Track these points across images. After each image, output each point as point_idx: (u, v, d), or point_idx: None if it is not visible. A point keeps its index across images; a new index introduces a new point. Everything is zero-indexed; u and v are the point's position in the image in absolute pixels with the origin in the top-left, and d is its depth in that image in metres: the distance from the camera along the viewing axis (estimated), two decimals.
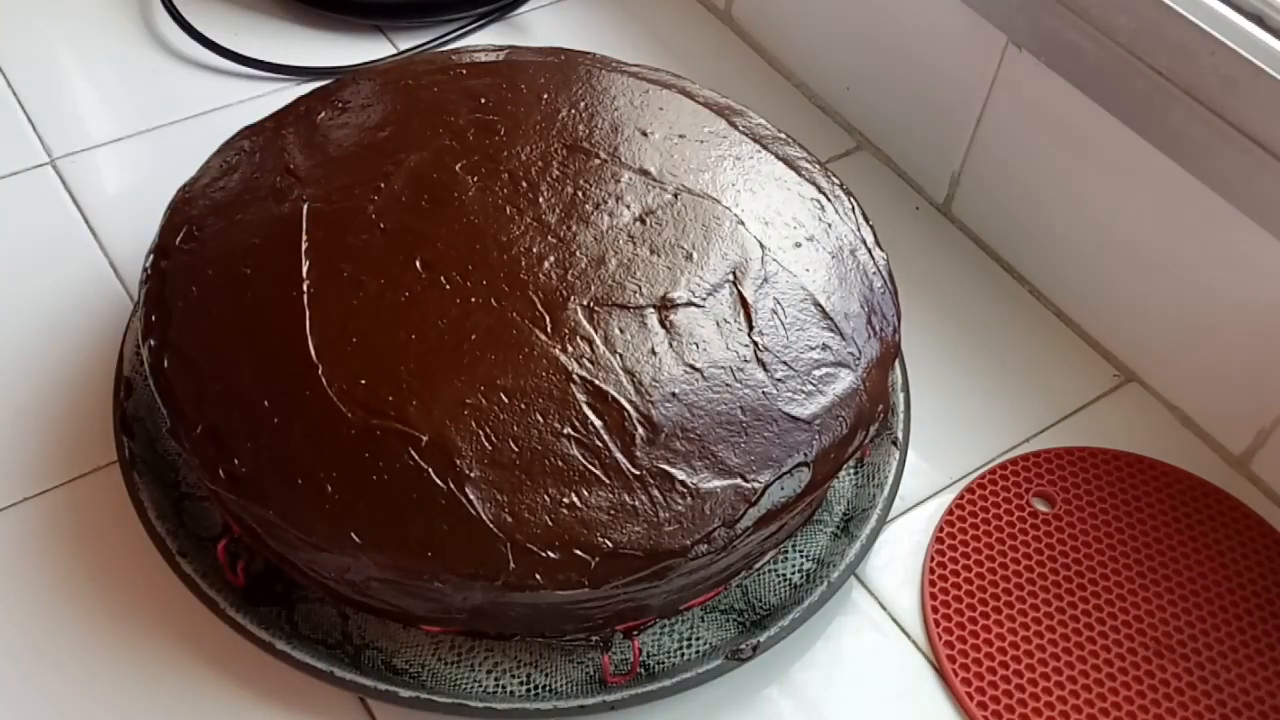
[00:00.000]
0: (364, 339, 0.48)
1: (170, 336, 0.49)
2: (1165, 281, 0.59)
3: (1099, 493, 0.57)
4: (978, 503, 0.56)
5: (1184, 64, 0.52)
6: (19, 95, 0.71)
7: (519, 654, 0.49)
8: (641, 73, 0.61)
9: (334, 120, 0.57)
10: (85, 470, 0.54)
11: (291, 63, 0.73)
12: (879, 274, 0.54)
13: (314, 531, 0.44)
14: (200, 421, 0.47)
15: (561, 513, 0.44)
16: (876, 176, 0.72)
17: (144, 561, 0.50)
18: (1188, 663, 0.51)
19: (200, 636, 0.49)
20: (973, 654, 0.51)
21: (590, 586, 0.43)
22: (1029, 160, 0.64)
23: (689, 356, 0.49)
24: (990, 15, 0.61)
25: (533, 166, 0.55)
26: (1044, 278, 0.66)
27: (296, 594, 0.49)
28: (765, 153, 0.58)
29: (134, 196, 0.66)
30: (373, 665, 0.47)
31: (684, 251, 0.52)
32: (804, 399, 0.49)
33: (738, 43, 0.80)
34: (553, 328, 0.49)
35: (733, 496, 0.46)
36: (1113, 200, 0.60)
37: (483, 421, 0.46)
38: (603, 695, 0.47)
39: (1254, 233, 0.53)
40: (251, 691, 0.48)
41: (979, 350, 0.63)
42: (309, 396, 0.46)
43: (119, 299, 0.61)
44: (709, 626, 0.50)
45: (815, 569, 0.52)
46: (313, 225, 0.52)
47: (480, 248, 0.51)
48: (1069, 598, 0.53)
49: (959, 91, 0.66)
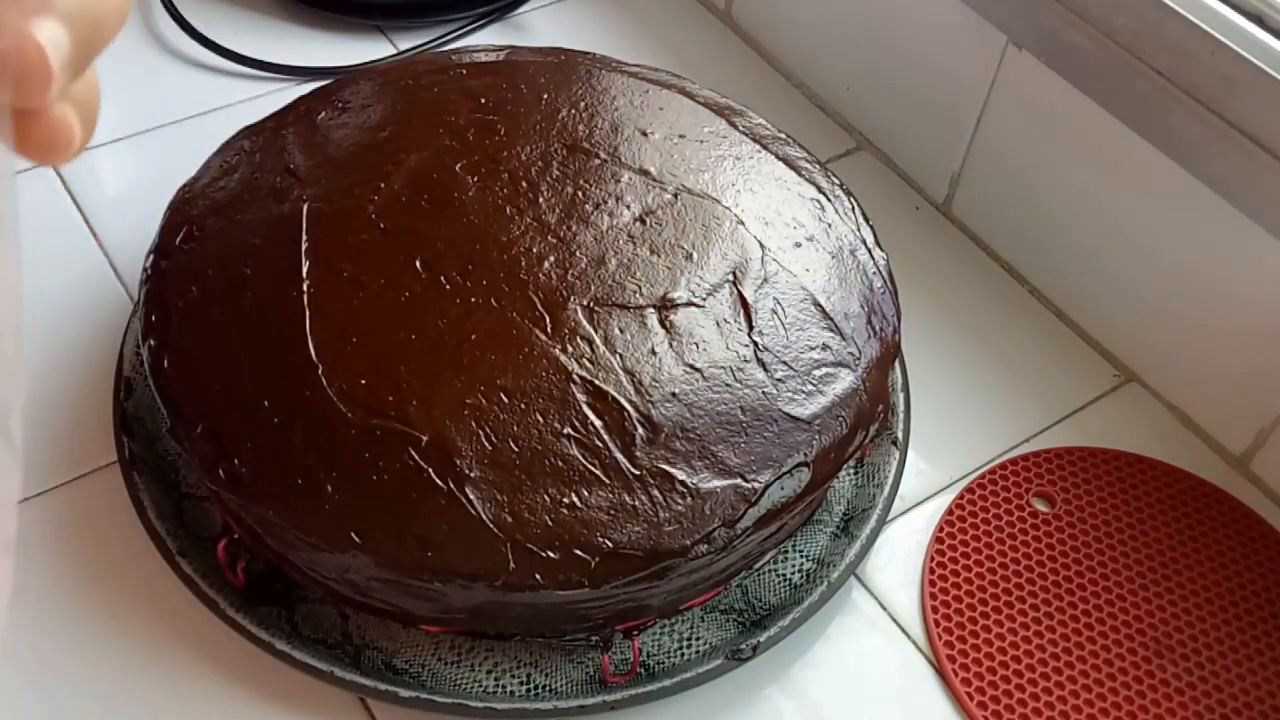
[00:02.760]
0: (364, 339, 0.48)
1: (170, 336, 0.49)
2: (1165, 281, 0.59)
3: (1099, 493, 0.57)
4: (978, 503, 0.56)
5: (1184, 64, 0.52)
6: None
7: (519, 654, 0.49)
8: (641, 73, 0.61)
9: (334, 120, 0.57)
10: (85, 470, 0.54)
11: (291, 63, 0.73)
12: (879, 274, 0.54)
13: (314, 531, 0.44)
14: (200, 421, 0.47)
15: (561, 513, 0.44)
16: (876, 176, 0.72)
17: (144, 561, 0.50)
18: (1187, 663, 0.51)
19: (200, 636, 0.49)
20: (973, 654, 0.51)
21: (590, 586, 0.43)
22: (1029, 160, 0.64)
23: (689, 356, 0.49)
24: (990, 15, 0.61)
25: (533, 166, 0.55)
26: (1044, 278, 0.66)
27: (296, 594, 0.49)
28: (765, 153, 0.58)
29: (134, 196, 0.66)
30: (373, 665, 0.47)
31: (684, 251, 0.52)
32: (804, 399, 0.49)
33: (738, 43, 0.80)
34: (553, 328, 0.49)
35: (733, 496, 0.46)
36: (1113, 200, 0.60)
37: (483, 421, 0.46)
38: (603, 695, 0.47)
39: (1254, 233, 0.53)
40: (251, 691, 0.48)
41: (979, 350, 0.63)
42: (309, 396, 0.46)
43: (119, 299, 0.61)
44: (709, 626, 0.50)
45: (815, 569, 0.52)
46: (313, 225, 0.52)
47: (480, 248, 0.51)
48: (1069, 598, 0.53)
49: (959, 91, 0.66)
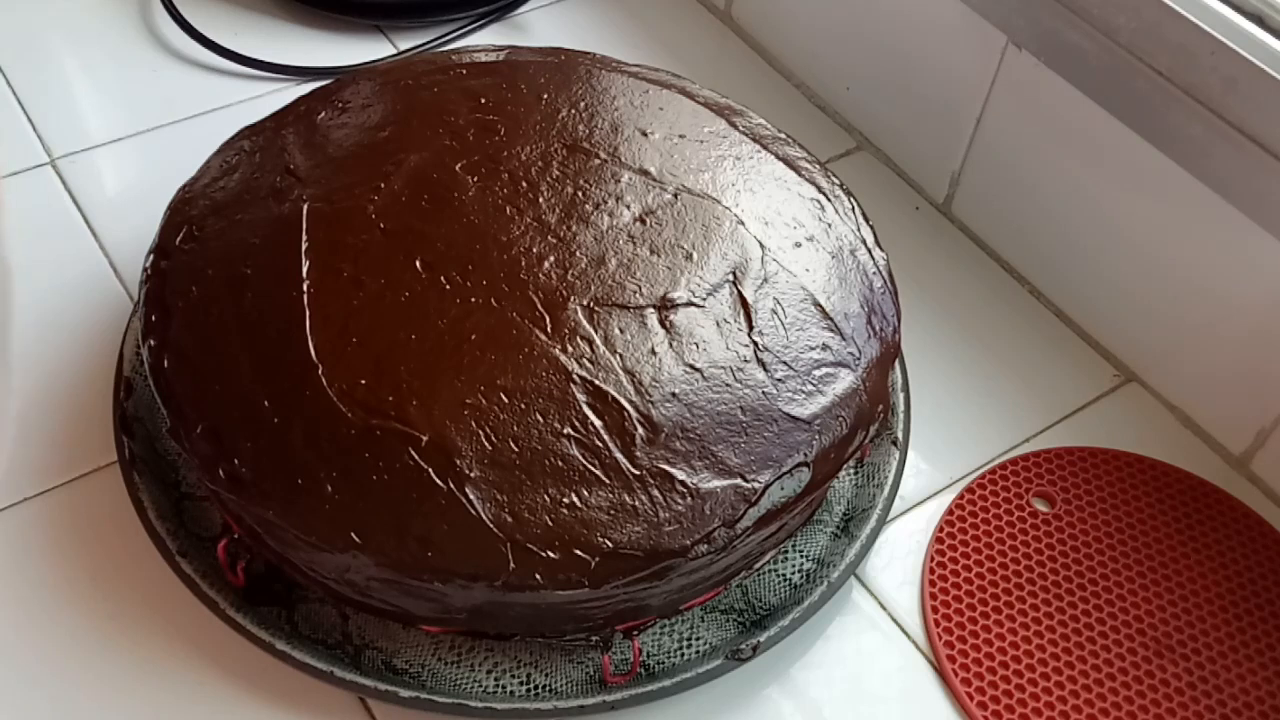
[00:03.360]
0: (364, 339, 0.48)
1: (170, 336, 0.49)
2: (1165, 281, 0.59)
3: (1099, 493, 0.57)
4: (978, 503, 0.56)
5: (1184, 64, 0.52)
6: (19, 95, 0.70)
7: (519, 654, 0.49)
8: (641, 73, 0.61)
9: (334, 120, 0.57)
10: (85, 470, 0.54)
11: (291, 63, 0.73)
12: (879, 274, 0.54)
13: (314, 531, 0.44)
14: (200, 421, 0.47)
15: (561, 513, 0.44)
16: (876, 176, 0.72)
17: (144, 561, 0.50)
18: (1187, 663, 0.51)
19: (200, 636, 0.49)
20: (973, 654, 0.51)
21: (590, 586, 0.43)
22: (1029, 160, 0.64)
23: (689, 356, 0.49)
24: (990, 15, 0.61)
25: (533, 166, 0.55)
26: (1044, 278, 0.66)
27: (296, 594, 0.49)
28: (765, 153, 0.58)
29: (134, 196, 0.66)
30: (373, 665, 0.47)
31: (684, 251, 0.52)
32: (804, 399, 0.49)
33: (738, 43, 0.80)
34: (553, 328, 0.49)
35: (733, 496, 0.46)
36: (1113, 200, 0.60)
37: (483, 421, 0.46)
38: (603, 695, 0.47)
39: (1254, 233, 0.53)
40: (251, 691, 0.48)
41: (979, 350, 0.63)
42: (309, 396, 0.46)
43: (119, 299, 0.61)
44: (709, 626, 0.50)
45: (815, 569, 0.52)
46: (313, 225, 0.52)
47: (480, 248, 0.51)
48: (1069, 598, 0.53)
49: (959, 91, 0.66)
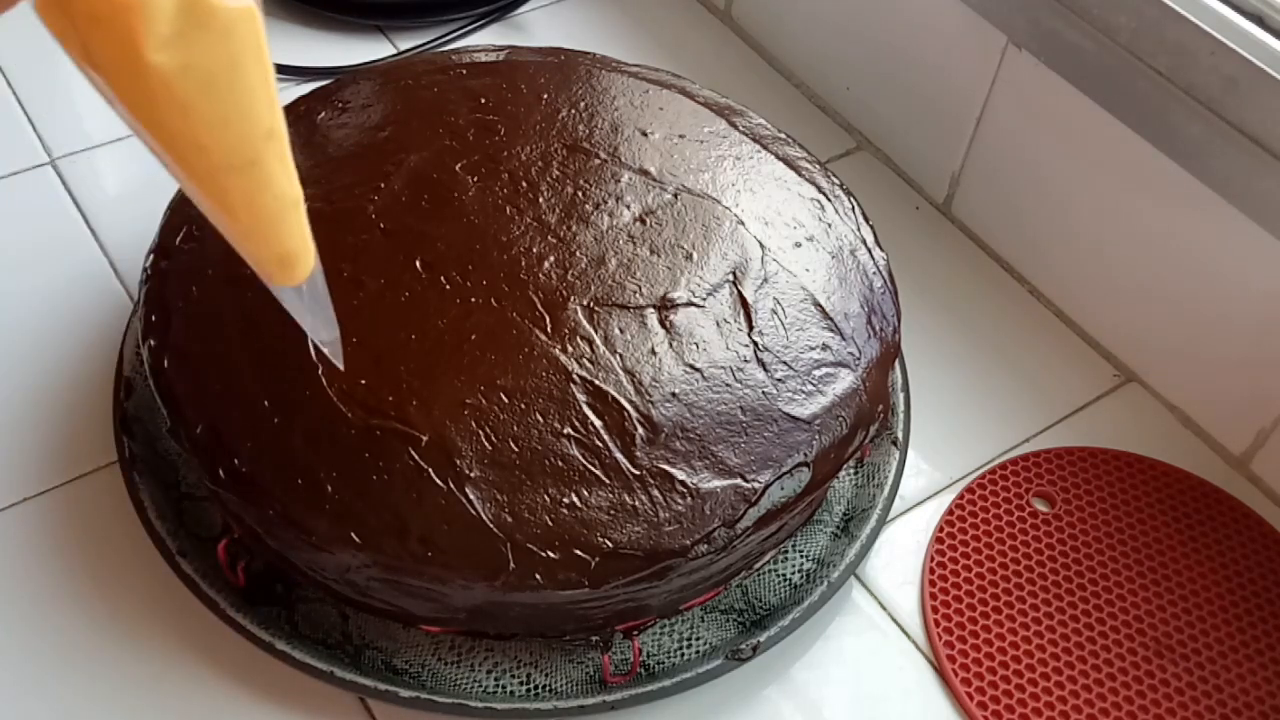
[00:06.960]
0: (364, 339, 0.48)
1: (170, 336, 0.49)
2: (1165, 281, 0.59)
3: (1099, 493, 0.57)
4: (978, 503, 0.56)
5: (1184, 64, 0.52)
6: (19, 95, 0.70)
7: (519, 654, 0.49)
8: (641, 73, 0.61)
9: (334, 120, 0.57)
10: (85, 470, 0.54)
11: (291, 63, 0.73)
12: (879, 274, 0.54)
13: (314, 531, 0.44)
14: (200, 421, 0.47)
15: (561, 513, 0.44)
16: (876, 176, 0.72)
17: (144, 561, 0.50)
18: (1187, 663, 0.51)
19: (200, 636, 0.49)
20: (973, 654, 0.51)
21: (590, 586, 0.43)
22: (1029, 160, 0.64)
23: (689, 356, 0.49)
24: (990, 15, 0.61)
25: (533, 166, 0.55)
26: (1044, 278, 0.66)
27: (296, 594, 0.49)
28: (765, 153, 0.58)
29: (134, 196, 0.66)
30: (373, 665, 0.47)
31: (684, 251, 0.52)
32: (804, 399, 0.49)
33: (738, 43, 0.80)
34: (553, 328, 0.49)
35: (733, 496, 0.46)
36: (1112, 200, 0.60)
37: (483, 421, 0.46)
38: (603, 695, 0.47)
39: (1254, 233, 0.53)
40: (251, 691, 0.48)
41: (979, 350, 0.63)
42: (309, 396, 0.46)
43: (119, 299, 0.61)
44: (709, 626, 0.50)
45: (815, 569, 0.52)
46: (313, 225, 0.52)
47: (480, 248, 0.51)
48: (1069, 598, 0.53)
49: (959, 91, 0.66)
